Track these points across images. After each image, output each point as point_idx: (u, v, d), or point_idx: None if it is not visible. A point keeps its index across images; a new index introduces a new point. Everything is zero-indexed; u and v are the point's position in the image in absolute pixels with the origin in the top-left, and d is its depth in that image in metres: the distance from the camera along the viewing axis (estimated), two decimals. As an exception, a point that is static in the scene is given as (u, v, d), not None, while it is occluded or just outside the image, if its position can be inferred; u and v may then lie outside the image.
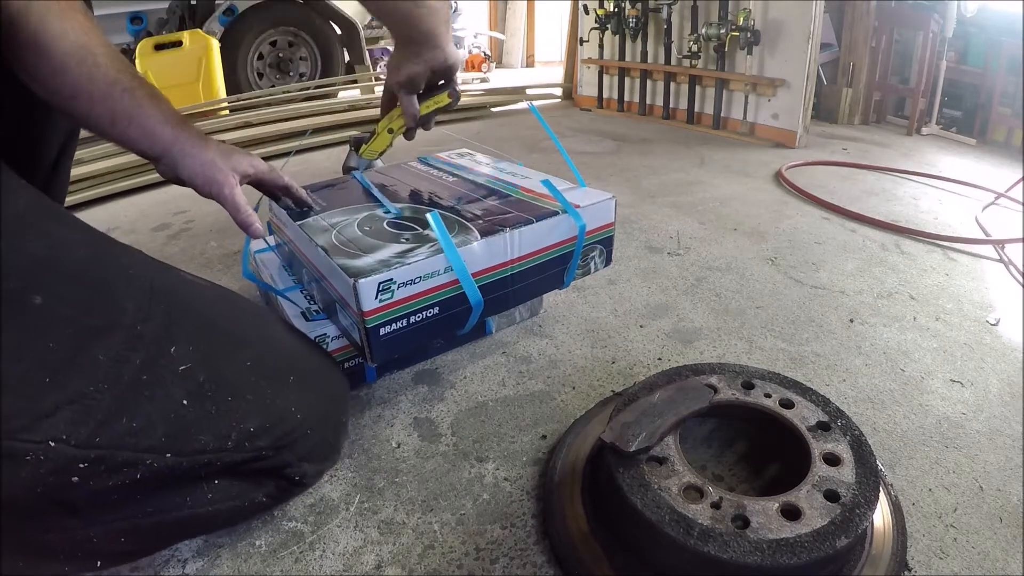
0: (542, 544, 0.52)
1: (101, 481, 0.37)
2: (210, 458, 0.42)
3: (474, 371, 0.76)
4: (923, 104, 2.22)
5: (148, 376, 0.40)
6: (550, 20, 4.74)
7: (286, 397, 0.48)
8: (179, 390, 0.41)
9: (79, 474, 0.36)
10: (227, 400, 0.44)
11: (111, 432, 0.37)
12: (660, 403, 0.54)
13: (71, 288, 0.38)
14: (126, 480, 0.38)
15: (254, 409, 0.45)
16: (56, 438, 0.35)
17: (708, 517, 0.44)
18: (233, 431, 0.44)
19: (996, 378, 0.75)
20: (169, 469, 0.40)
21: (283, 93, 2.39)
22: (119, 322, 0.40)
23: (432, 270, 0.59)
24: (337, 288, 0.60)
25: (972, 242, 1.17)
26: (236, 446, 0.44)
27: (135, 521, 0.42)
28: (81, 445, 0.36)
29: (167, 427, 0.40)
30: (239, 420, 0.44)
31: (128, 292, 0.41)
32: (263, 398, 0.47)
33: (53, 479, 0.35)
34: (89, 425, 0.36)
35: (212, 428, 0.42)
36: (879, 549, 0.48)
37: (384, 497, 0.57)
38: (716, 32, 1.99)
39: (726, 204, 1.38)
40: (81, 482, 0.36)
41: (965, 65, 2.29)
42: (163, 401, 0.40)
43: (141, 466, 0.39)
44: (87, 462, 0.36)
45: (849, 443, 0.50)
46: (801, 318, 0.89)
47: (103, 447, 0.37)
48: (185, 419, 0.41)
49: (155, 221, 1.35)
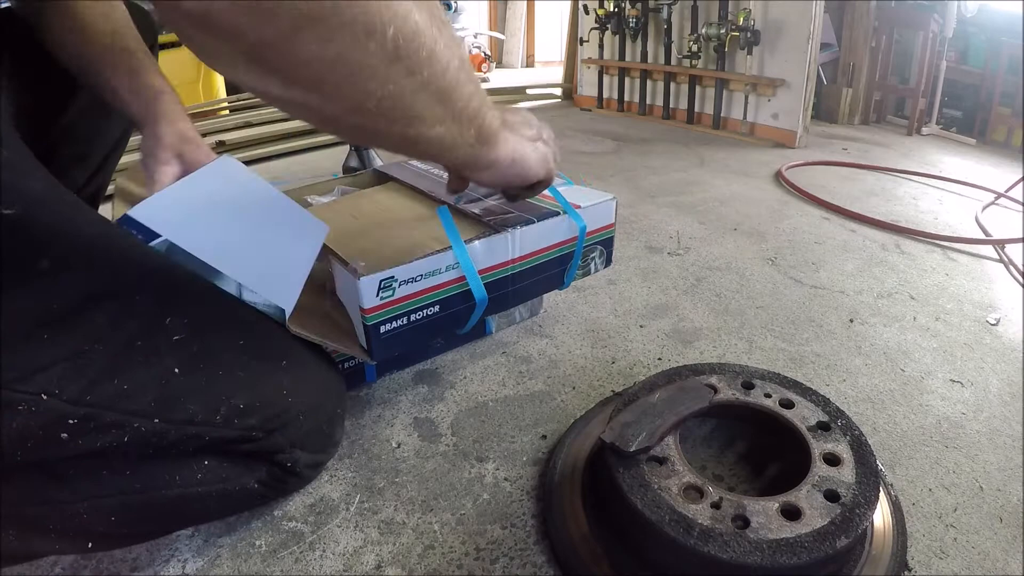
0: (542, 544, 0.52)
1: (89, 440, 0.39)
2: (198, 430, 0.43)
3: (474, 371, 0.76)
4: (923, 104, 2.22)
5: (142, 342, 0.41)
6: (550, 20, 4.74)
7: (277, 379, 0.49)
8: (171, 359, 0.42)
9: (68, 431, 0.37)
10: (218, 374, 0.45)
11: (102, 391, 0.38)
12: (660, 403, 0.54)
13: (76, 258, 0.40)
14: (113, 443, 0.39)
15: (245, 386, 0.46)
16: (48, 391, 0.36)
17: (708, 517, 0.44)
18: (223, 405, 0.44)
19: (996, 378, 0.75)
20: (156, 436, 0.41)
21: (283, 93, 2.38)
22: (118, 290, 0.41)
23: (434, 268, 0.59)
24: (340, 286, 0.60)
25: (972, 242, 1.17)
26: (225, 421, 0.44)
27: (124, 497, 0.43)
28: (72, 401, 0.37)
29: (157, 392, 0.41)
30: (229, 395, 0.45)
31: (130, 266, 0.43)
32: (254, 377, 0.47)
33: (43, 433, 0.37)
34: (81, 382, 0.38)
35: (201, 399, 0.43)
36: (879, 549, 0.48)
37: (384, 497, 0.57)
38: (716, 32, 1.99)
39: (726, 204, 1.38)
40: (70, 440, 0.38)
41: (965, 65, 2.30)
42: (155, 367, 0.41)
43: (129, 428, 0.40)
44: (77, 418, 0.38)
45: (849, 443, 0.50)
46: (801, 318, 0.89)
47: (93, 405, 0.38)
48: (175, 387, 0.42)
49: (155, 221, 1.35)
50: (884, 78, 2.38)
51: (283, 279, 0.53)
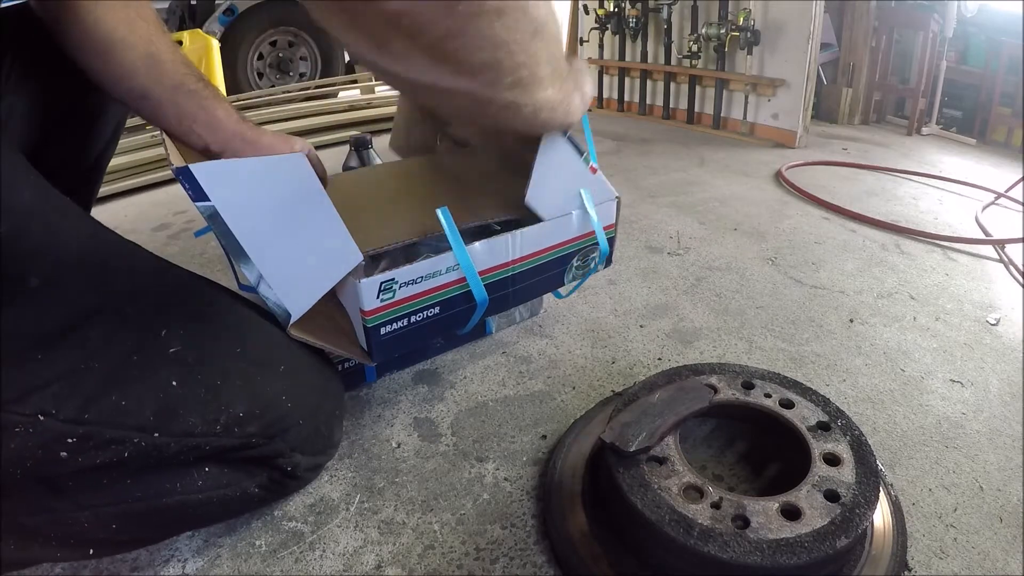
0: (542, 544, 0.52)
1: (89, 458, 0.38)
2: (198, 441, 0.43)
3: (474, 371, 0.76)
4: (923, 104, 2.22)
5: (138, 356, 0.41)
6: (550, 20, 4.73)
7: (275, 385, 0.49)
8: (168, 371, 0.42)
9: (67, 449, 0.37)
10: (216, 384, 0.45)
11: (99, 408, 0.38)
12: (660, 403, 0.54)
13: (67, 273, 0.39)
14: (113, 458, 0.39)
15: (243, 394, 0.46)
16: (45, 411, 0.36)
17: (708, 517, 0.44)
18: (222, 415, 0.44)
19: (996, 378, 0.75)
20: (157, 449, 0.41)
21: (283, 93, 2.38)
22: (111, 304, 0.41)
23: (434, 270, 0.59)
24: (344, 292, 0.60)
25: (972, 242, 1.17)
26: (225, 430, 0.44)
27: (125, 506, 0.42)
28: (69, 420, 0.37)
29: (155, 406, 0.41)
30: (228, 404, 0.45)
31: (122, 277, 0.43)
32: (252, 384, 0.47)
33: (41, 453, 0.36)
34: (78, 400, 0.37)
35: (200, 410, 0.43)
36: (879, 549, 0.48)
37: (384, 497, 0.57)
38: (716, 32, 1.99)
39: (726, 204, 1.38)
40: (69, 458, 0.37)
41: (965, 65, 2.29)
42: (152, 381, 0.41)
43: (128, 444, 0.39)
44: (75, 437, 0.37)
45: (849, 443, 0.50)
46: (801, 318, 0.89)
47: (91, 423, 0.38)
48: (174, 400, 0.42)
49: (155, 221, 1.35)
50: (884, 78, 2.38)
51: (303, 287, 0.53)
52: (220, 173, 0.46)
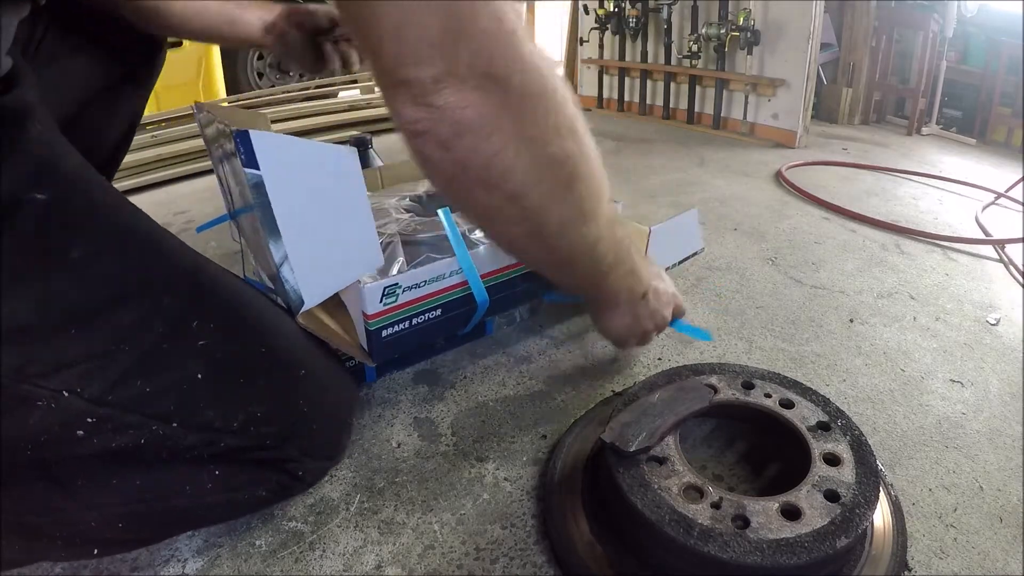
0: (542, 544, 0.52)
1: (104, 440, 0.38)
2: (214, 436, 0.43)
3: (474, 371, 0.76)
4: (923, 104, 2.22)
5: (168, 345, 0.40)
6: (550, 20, 4.74)
7: (296, 389, 0.49)
8: (195, 363, 0.42)
9: (85, 428, 0.37)
10: (239, 382, 0.44)
11: (124, 392, 0.38)
12: (660, 403, 0.54)
13: (107, 249, 0.39)
14: (129, 443, 0.39)
15: (265, 394, 0.46)
16: (70, 389, 0.36)
17: (708, 517, 0.44)
18: (240, 413, 0.44)
19: (996, 378, 0.75)
20: (172, 439, 0.41)
21: (283, 93, 2.39)
22: (147, 290, 0.41)
23: (438, 274, 0.59)
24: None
25: (972, 242, 1.17)
26: (242, 428, 0.44)
27: (132, 506, 0.42)
28: (93, 400, 0.37)
29: (178, 397, 0.41)
30: (248, 403, 0.44)
31: (160, 264, 0.42)
32: (274, 385, 0.47)
33: (59, 430, 0.36)
34: (104, 382, 0.37)
35: (221, 406, 0.43)
36: (879, 549, 0.48)
37: (384, 497, 0.57)
38: (716, 32, 1.99)
39: (726, 204, 1.38)
40: (85, 438, 0.37)
41: (965, 65, 2.29)
42: (179, 372, 0.41)
43: (146, 431, 0.39)
44: (95, 417, 0.37)
45: (849, 443, 0.50)
46: (801, 318, 0.88)
47: (113, 406, 0.37)
48: (197, 392, 0.42)
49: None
50: (884, 78, 2.38)
51: (322, 278, 0.53)
52: (275, 146, 0.46)
